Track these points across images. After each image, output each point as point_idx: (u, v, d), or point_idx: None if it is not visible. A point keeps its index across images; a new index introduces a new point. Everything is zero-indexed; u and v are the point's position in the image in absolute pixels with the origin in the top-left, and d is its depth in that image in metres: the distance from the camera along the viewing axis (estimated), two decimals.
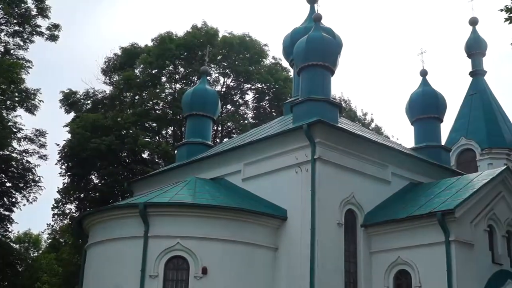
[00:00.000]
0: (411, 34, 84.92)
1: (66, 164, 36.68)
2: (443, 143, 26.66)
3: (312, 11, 27.29)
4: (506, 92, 71.95)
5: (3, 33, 34.42)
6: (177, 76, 41.79)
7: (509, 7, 13.25)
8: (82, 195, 37.33)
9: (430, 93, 26.14)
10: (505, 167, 21.03)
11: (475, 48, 34.69)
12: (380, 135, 35.93)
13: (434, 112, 25.80)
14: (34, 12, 34.56)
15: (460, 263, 17.04)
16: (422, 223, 17.88)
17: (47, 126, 65.51)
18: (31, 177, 34.97)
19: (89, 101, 40.58)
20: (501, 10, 13.38)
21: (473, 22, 35.69)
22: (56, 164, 36.91)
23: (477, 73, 34.38)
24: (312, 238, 17.71)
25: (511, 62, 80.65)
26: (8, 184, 35.07)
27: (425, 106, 25.83)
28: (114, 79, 42.14)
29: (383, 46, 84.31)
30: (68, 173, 36.79)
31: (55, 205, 38.86)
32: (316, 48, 21.58)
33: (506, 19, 13.34)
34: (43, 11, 34.55)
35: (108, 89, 41.70)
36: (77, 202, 37.80)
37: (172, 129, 41.70)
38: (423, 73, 26.97)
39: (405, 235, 18.29)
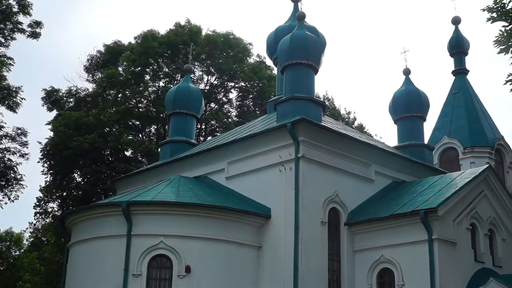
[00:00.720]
0: (394, 33, 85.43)
1: (48, 162, 36.42)
2: (426, 141, 26.80)
3: (295, 9, 27.32)
4: (488, 91, 72.63)
5: None
6: (161, 74, 41.65)
7: (491, 7, 13.34)
8: (64, 194, 37.09)
9: (413, 92, 26.28)
10: (487, 165, 21.18)
11: (458, 47, 34.87)
12: (364, 133, 36.05)
13: (417, 111, 25.94)
14: (15, 9, 34.19)
15: (443, 261, 17.16)
16: (405, 222, 17.97)
17: (29, 124, 65.14)
18: (12, 175, 34.64)
19: (71, 99, 40.30)
20: (483, 10, 13.48)
21: (456, 21, 35.89)
22: (38, 162, 36.68)
23: (459, 72, 34.59)
24: (296, 237, 17.74)
25: (493, 61, 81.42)
26: None
27: (408, 105, 25.96)
28: (97, 76, 41.91)
29: (367, 45, 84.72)
30: (51, 171, 36.53)
31: (37, 203, 38.61)
32: (299, 47, 21.61)
33: (488, 19, 13.43)
34: (24, 8, 34.18)
35: (91, 87, 41.53)
36: (59, 201, 37.55)
37: (155, 127, 41.55)
38: (406, 72, 27.11)
39: (389, 234, 18.38)
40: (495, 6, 13.30)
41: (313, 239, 18.17)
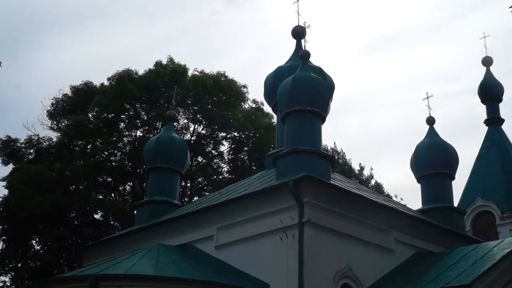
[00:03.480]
0: (415, 73, 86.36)
1: (1, 227, 36.16)
2: (455, 204, 26.69)
3: (298, 47, 27.59)
4: None
5: None
6: (138, 122, 41.88)
7: None
8: (19, 265, 36.73)
9: (439, 145, 26.29)
10: None
11: (490, 92, 35.15)
12: (381, 194, 35.95)
13: (444, 168, 25.88)
14: None
15: None
16: None
17: None
18: None
19: (31, 150, 40.37)
20: None
21: (487, 62, 36.31)
22: None
23: (493, 121, 34.78)
24: None
25: None
26: None
27: (433, 160, 25.90)
28: (63, 124, 42.13)
29: (383, 88, 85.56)
30: (3, 237, 36.28)
31: None
32: (303, 91, 21.72)
33: None
34: None
35: (55, 136, 41.70)
36: (13, 273, 37.16)
37: (131, 185, 41.49)
38: (430, 121, 27.16)
39: None
40: None
41: None
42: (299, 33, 27.63)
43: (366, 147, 78.99)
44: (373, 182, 48.38)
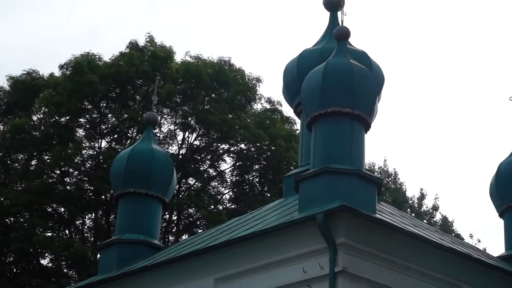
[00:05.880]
0: (495, 66, 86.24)
1: None
2: None
3: (333, 22, 27.58)
4: None
5: None
6: (103, 128, 41.99)
7: None
8: None
9: None
10: None
11: None
12: (449, 233, 36.01)
13: None
14: None
15: None
16: None
17: None
18: None
19: None
20: None
21: None
22: None
23: None
24: None
25: None
26: None
27: None
28: None
29: (451, 83, 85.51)
30: None
31: None
32: (340, 85, 21.73)
33: None
34: None
35: None
36: None
37: (92, 217, 41.60)
38: None
39: None
40: None
41: None
42: (334, 2, 27.48)
43: (429, 167, 78.81)
44: (438, 216, 48.41)
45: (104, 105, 41.62)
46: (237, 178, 43.52)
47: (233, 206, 41.85)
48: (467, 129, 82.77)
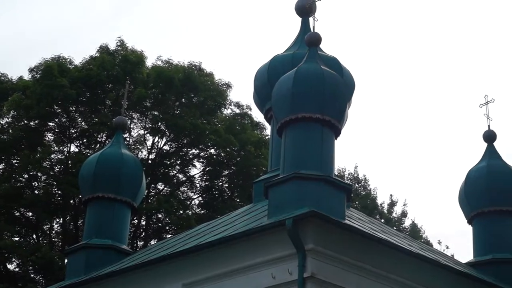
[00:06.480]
0: (468, 68, 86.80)
1: None
2: None
3: (305, 28, 27.62)
4: None
5: None
6: (73, 132, 41.83)
7: None
8: None
9: (501, 171, 26.40)
10: None
11: None
12: (418, 240, 36.09)
13: (507, 203, 26.02)
14: None
15: None
16: None
17: None
18: None
19: None
20: None
21: None
22: None
23: None
24: None
25: None
26: None
27: (491, 193, 26.02)
28: None
29: (421, 90, 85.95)
30: None
31: None
32: (310, 90, 21.73)
33: None
34: None
35: None
36: None
37: (60, 222, 41.39)
38: (489, 137, 27.21)
39: None
40: None
41: None
42: (305, 8, 27.36)
43: (399, 174, 79.19)
44: (407, 223, 48.52)
45: (74, 109, 41.50)
46: (207, 183, 43.53)
47: (202, 212, 41.79)
48: (437, 136, 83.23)
